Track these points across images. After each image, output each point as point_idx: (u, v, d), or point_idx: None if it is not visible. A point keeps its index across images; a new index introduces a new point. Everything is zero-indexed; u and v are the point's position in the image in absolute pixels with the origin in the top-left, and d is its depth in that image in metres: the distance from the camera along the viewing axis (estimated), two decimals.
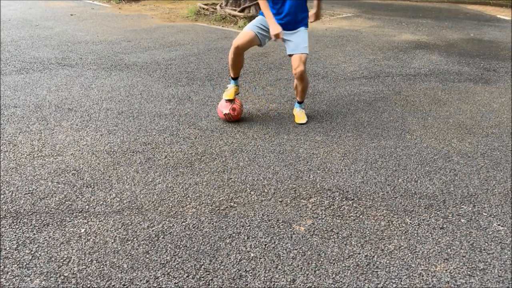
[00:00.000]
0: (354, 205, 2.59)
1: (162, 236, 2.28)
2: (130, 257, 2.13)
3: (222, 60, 5.46)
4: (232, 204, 2.58)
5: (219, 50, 5.98)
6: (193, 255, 2.15)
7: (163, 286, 1.95)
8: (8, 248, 2.17)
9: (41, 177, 2.80)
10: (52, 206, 2.51)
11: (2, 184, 2.71)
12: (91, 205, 2.53)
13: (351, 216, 2.49)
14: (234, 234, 2.31)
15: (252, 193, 2.69)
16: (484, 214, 2.54)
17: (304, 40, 3.51)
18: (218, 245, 2.23)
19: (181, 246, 2.21)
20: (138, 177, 2.83)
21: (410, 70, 5.33)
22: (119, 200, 2.58)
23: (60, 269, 2.04)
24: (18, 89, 4.33)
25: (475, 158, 3.20)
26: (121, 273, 2.02)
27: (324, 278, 2.02)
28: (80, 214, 2.44)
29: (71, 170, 2.89)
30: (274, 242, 2.26)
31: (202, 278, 2.01)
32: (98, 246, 2.20)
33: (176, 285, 1.97)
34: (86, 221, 2.39)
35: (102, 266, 2.06)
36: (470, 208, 2.59)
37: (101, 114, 3.80)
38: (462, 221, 2.47)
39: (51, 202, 2.54)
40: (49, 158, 3.04)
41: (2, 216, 2.41)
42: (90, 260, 2.10)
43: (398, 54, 6.05)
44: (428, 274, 2.06)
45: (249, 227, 2.37)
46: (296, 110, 3.82)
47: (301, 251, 2.19)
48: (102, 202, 2.55)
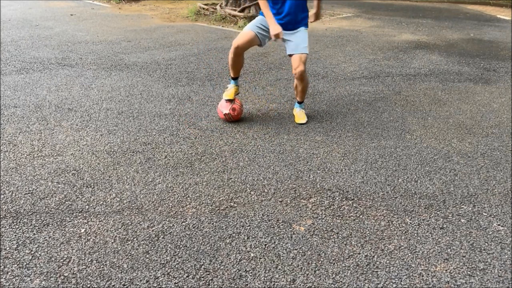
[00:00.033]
0: (354, 205, 2.59)
1: (162, 236, 2.28)
2: (130, 257, 2.13)
3: (222, 60, 5.46)
4: (232, 204, 2.58)
5: (219, 50, 5.98)
6: (193, 255, 2.15)
7: (163, 286, 1.96)
8: (8, 248, 2.17)
9: (41, 177, 2.80)
10: (52, 206, 2.51)
11: (2, 184, 2.71)
12: (91, 205, 2.53)
13: (351, 216, 2.49)
14: (234, 234, 2.31)
15: (252, 193, 2.69)
16: (484, 214, 2.54)
17: (304, 40, 3.51)
18: (218, 245, 2.23)
19: (181, 246, 2.21)
20: (138, 177, 2.83)
21: (410, 70, 5.33)
22: (119, 200, 2.58)
23: (60, 269, 2.04)
24: (18, 89, 4.33)
25: (475, 158, 3.20)
26: (121, 273, 2.02)
27: (324, 278, 2.02)
28: (80, 214, 2.44)
29: (71, 170, 2.89)
30: (274, 242, 2.26)
31: (202, 278, 2.01)
32: (98, 246, 2.20)
33: (176, 285, 1.97)
34: (86, 221, 2.39)
35: (102, 266, 2.06)
36: (470, 208, 2.59)
37: (101, 114, 3.80)
38: (462, 221, 2.47)
39: (51, 202, 2.54)
40: (49, 158, 3.04)
41: (2, 216, 2.41)
42: (90, 260, 2.10)
43: (398, 54, 6.05)
44: (428, 274, 2.06)
45: (249, 227, 2.37)
46: (296, 110, 3.82)
47: (301, 251, 2.19)
48: (102, 202, 2.55)
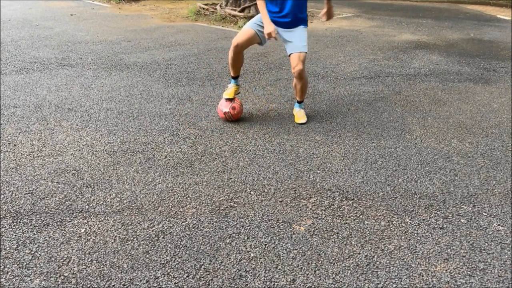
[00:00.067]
0: (354, 205, 2.59)
1: (162, 236, 2.28)
2: (130, 257, 2.13)
3: (222, 60, 5.46)
4: (232, 204, 2.58)
5: (219, 50, 5.98)
6: (193, 255, 2.15)
7: (163, 286, 1.95)
8: (8, 248, 2.17)
9: (41, 177, 2.80)
10: (52, 206, 2.51)
11: (2, 184, 2.71)
12: (91, 205, 2.53)
13: (351, 216, 2.49)
14: (234, 234, 2.31)
15: (252, 193, 2.69)
16: (484, 214, 2.54)
17: (303, 39, 3.52)
18: (218, 245, 2.23)
19: (181, 246, 2.21)
20: (138, 177, 2.83)
21: (410, 70, 5.33)
22: (119, 200, 2.58)
23: (60, 269, 2.04)
24: (18, 89, 4.33)
25: (475, 158, 3.20)
26: (121, 273, 2.02)
27: (324, 278, 2.02)
28: (80, 214, 2.44)
29: (71, 170, 2.89)
30: (274, 242, 2.26)
31: (202, 278, 2.01)
32: (98, 246, 2.20)
33: (176, 285, 1.97)
34: (86, 221, 2.39)
35: (102, 266, 2.06)
36: (470, 208, 2.59)
37: (101, 114, 3.80)
38: (462, 221, 2.47)
39: (51, 202, 2.54)
40: (49, 158, 3.04)
41: (2, 216, 2.41)
42: (90, 260, 2.10)
43: (398, 54, 6.05)
44: (428, 274, 2.06)
45: (249, 227, 2.37)
46: (296, 110, 3.82)
47: (301, 251, 2.19)
48: (102, 202, 2.55)
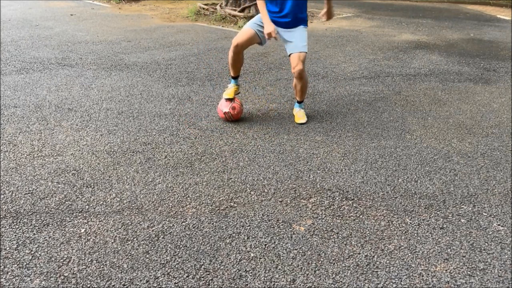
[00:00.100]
0: (354, 205, 2.59)
1: (162, 236, 2.28)
2: (130, 257, 2.13)
3: (222, 60, 5.46)
4: (232, 204, 2.58)
5: (219, 50, 5.98)
6: (193, 255, 2.15)
7: (163, 286, 1.95)
8: (8, 248, 2.17)
9: (41, 177, 2.80)
10: (52, 206, 2.51)
11: (2, 184, 2.71)
12: (91, 205, 2.53)
13: (351, 216, 2.49)
14: (234, 234, 2.31)
15: (252, 193, 2.69)
16: (484, 214, 2.54)
17: (303, 38, 3.52)
18: (218, 245, 2.23)
19: (181, 246, 2.21)
20: (138, 177, 2.83)
21: (410, 70, 5.33)
22: (119, 200, 2.58)
23: (60, 269, 2.04)
24: (18, 89, 4.33)
25: (475, 158, 3.20)
26: (121, 273, 2.02)
27: (324, 278, 2.02)
28: (80, 214, 2.44)
29: (71, 170, 2.89)
30: (274, 242, 2.26)
31: (202, 278, 2.01)
32: (98, 246, 2.20)
33: (176, 285, 1.97)
34: (86, 221, 2.39)
35: (102, 266, 2.06)
36: (470, 208, 2.59)
37: (101, 114, 3.80)
38: (462, 221, 2.47)
39: (51, 202, 2.54)
40: (49, 158, 3.04)
41: (2, 216, 2.41)
42: (90, 260, 2.10)
43: (398, 54, 6.05)
44: (428, 274, 2.06)
45: (249, 227, 2.37)
46: (296, 110, 3.82)
47: (301, 251, 2.19)
48: (102, 202, 2.55)
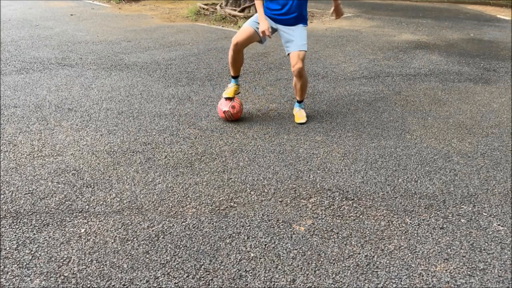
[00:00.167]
0: (354, 205, 2.59)
1: (162, 236, 2.28)
2: (130, 257, 2.13)
3: (222, 60, 5.46)
4: (232, 204, 2.58)
5: (219, 50, 5.98)
6: (193, 255, 2.15)
7: (163, 286, 1.96)
8: (8, 248, 2.17)
9: (41, 177, 2.80)
10: (52, 206, 2.51)
11: (2, 184, 2.71)
12: (91, 205, 2.53)
13: (351, 216, 2.49)
14: (234, 234, 2.31)
15: (252, 193, 2.69)
16: (484, 214, 2.54)
17: (302, 37, 3.52)
18: (218, 245, 2.23)
19: (181, 246, 2.21)
20: (138, 177, 2.83)
21: (410, 70, 5.33)
22: (119, 200, 2.58)
23: (60, 269, 2.04)
24: (18, 89, 4.33)
25: (475, 158, 3.20)
26: (121, 273, 2.02)
27: (324, 278, 2.02)
28: (80, 214, 2.44)
29: (71, 170, 2.89)
30: (274, 242, 2.26)
31: (202, 278, 2.01)
32: (98, 246, 2.20)
33: (176, 285, 1.97)
34: (86, 221, 2.39)
35: (102, 266, 2.06)
36: (470, 208, 2.59)
37: (101, 114, 3.80)
38: (462, 221, 2.47)
39: (51, 202, 2.54)
40: (49, 158, 3.04)
41: (2, 216, 2.41)
42: (90, 260, 2.10)
43: (398, 54, 6.05)
44: (428, 274, 2.06)
45: (249, 227, 2.37)
46: (296, 109, 3.82)
47: (301, 251, 2.19)
48: (102, 202, 2.55)
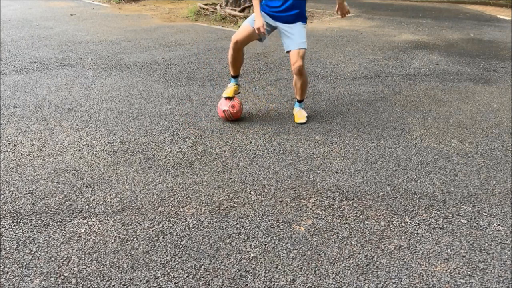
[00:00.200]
0: (354, 205, 2.59)
1: (162, 236, 2.28)
2: (130, 257, 2.13)
3: (222, 60, 5.46)
4: (232, 204, 2.58)
5: (219, 50, 5.98)
6: (193, 255, 2.15)
7: (163, 286, 1.96)
8: (8, 248, 2.17)
9: (41, 177, 2.80)
10: (52, 206, 2.51)
11: (2, 184, 2.71)
12: (91, 205, 2.53)
13: (351, 216, 2.49)
14: (234, 234, 2.31)
15: (252, 193, 2.69)
16: (484, 214, 2.54)
17: (301, 35, 3.53)
18: (218, 245, 2.23)
19: (181, 246, 2.21)
20: (138, 177, 2.83)
21: (410, 70, 5.33)
22: (119, 200, 2.58)
23: (60, 269, 2.04)
24: (18, 89, 4.33)
25: (475, 158, 3.20)
26: (121, 273, 2.02)
27: (324, 278, 2.02)
28: (80, 214, 2.44)
29: (71, 170, 2.89)
30: (274, 242, 2.26)
31: (202, 278, 2.01)
32: (98, 246, 2.20)
33: (176, 285, 1.97)
34: (86, 221, 2.39)
35: (102, 266, 2.06)
36: (470, 208, 2.59)
37: (101, 114, 3.80)
38: (462, 221, 2.47)
39: (51, 202, 2.54)
40: (49, 158, 3.04)
41: (2, 216, 2.41)
42: (90, 260, 2.10)
43: (398, 54, 6.05)
44: (428, 274, 2.06)
45: (249, 227, 2.37)
46: (296, 109, 3.82)
47: (301, 251, 2.19)
48: (102, 202, 2.55)
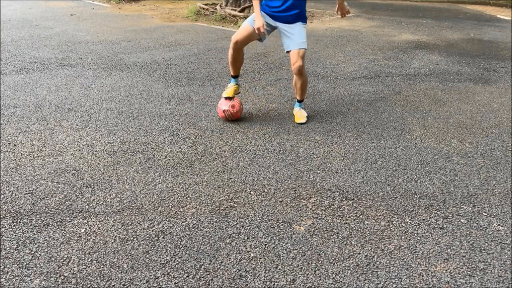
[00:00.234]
0: (354, 205, 2.59)
1: (162, 236, 2.28)
2: (130, 257, 2.13)
3: (222, 60, 5.46)
4: (232, 204, 2.58)
5: (219, 50, 5.98)
6: (193, 255, 2.15)
7: (163, 286, 1.96)
8: (8, 248, 2.17)
9: (41, 177, 2.80)
10: (52, 206, 2.51)
11: (2, 184, 2.71)
12: (91, 205, 2.53)
13: (351, 216, 2.49)
14: (234, 234, 2.31)
15: (252, 193, 2.69)
16: (484, 214, 2.54)
17: (301, 35, 3.53)
18: (218, 245, 2.23)
19: (181, 246, 2.21)
20: (138, 177, 2.83)
21: (410, 70, 5.33)
22: (119, 200, 2.58)
23: (60, 269, 2.04)
24: (18, 89, 4.33)
25: (475, 158, 3.20)
26: (121, 273, 2.02)
27: (324, 278, 2.02)
28: (80, 214, 2.44)
29: (71, 170, 2.89)
30: (274, 242, 2.26)
31: (202, 278, 2.01)
32: (98, 246, 2.20)
33: (176, 285, 1.97)
34: (86, 221, 2.39)
35: (102, 266, 2.06)
36: (470, 208, 2.59)
37: (101, 114, 3.80)
38: (462, 221, 2.47)
39: (51, 202, 2.54)
40: (49, 158, 3.04)
41: (2, 216, 2.41)
42: (90, 260, 2.10)
43: (398, 54, 6.05)
44: (428, 274, 2.06)
45: (249, 227, 2.37)
46: (296, 109, 3.82)
47: (301, 251, 2.19)
48: (102, 202, 2.55)
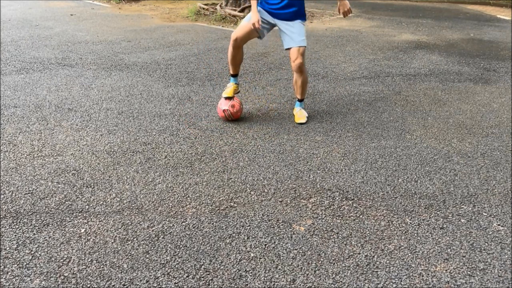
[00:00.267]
0: (354, 205, 2.59)
1: (162, 236, 2.28)
2: (130, 257, 2.13)
3: (222, 60, 5.46)
4: (232, 204, 2.58)
5: (219, 50, 5.98)
6: (193, 255, 2.15)
7: (163, 286, 1.96)
8: (8, 248, 2.17)
9: (41, 177, 2.80)
10: (52, 206, 2.51)
11: (2, 184, 2.71)
12: (91, 205, 2.53)
13: (351, 216, 2.49)
14: (234, 234, 2.31)
15: (252, 193, 2.69)
16: (484, 214, 2.54)
17: (301, 32, 3.53)
18: (218, 245, 2.23)
19: (181, 246, 2.21)
20: (138, 177, 2.83)
21: (410, 70, 5.33)
22: (119, 200, 2.58)
23: (60, 269, 2.04)
24: (18, 89, 4.33)
25: (475, 158, 3.20)
26: (121, 273, 2.02)
27: (324, 278, 2.02)
28: (80, 214, 2.44)
29: (71, 170, 2.89)
30: (274, 242, 2.26)
31: (202, 278, 2.01)
32: (98, 246, 2.20)
33: (176, 285, 1.97)
34: (86, 221, 2.39)
35: (102, 266, 2.06)
36: (470, 208, 2.59)
37: (101, 114, 3.80)
38: (462, 221, 2.47)
39: (51, 202, 2.54)
40: (49, 158, 3.04)
41: (2, 216, 2.41)
42: (90, 260, 2.10)
43: (398, 54, 6.05)
44: (428, 274, 2.06)
45: (249, 227, 2.37)
46: (296, 109, 3.82)
47: (301, 251, 2.19)
48: (102, 202, 2.55)
